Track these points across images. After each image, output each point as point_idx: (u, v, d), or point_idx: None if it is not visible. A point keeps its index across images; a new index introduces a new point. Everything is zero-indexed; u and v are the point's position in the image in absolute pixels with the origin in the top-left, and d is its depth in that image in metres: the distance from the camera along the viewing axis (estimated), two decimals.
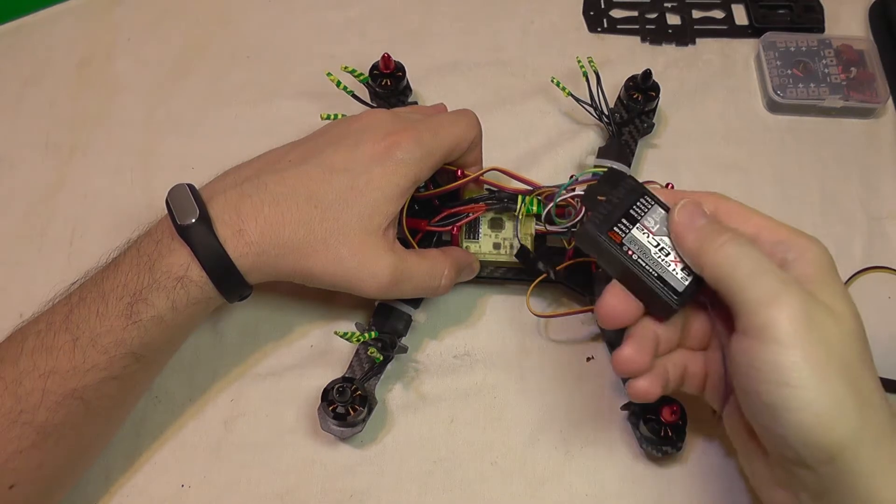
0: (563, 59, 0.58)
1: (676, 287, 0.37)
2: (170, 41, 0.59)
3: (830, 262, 0.34)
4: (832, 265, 0.34)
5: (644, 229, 0.37)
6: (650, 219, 0.38)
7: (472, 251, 0.47)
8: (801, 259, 0.34)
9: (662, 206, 0.38)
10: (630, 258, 0.37)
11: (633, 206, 0.38)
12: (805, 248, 0.34)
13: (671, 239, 0.37)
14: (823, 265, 0.34)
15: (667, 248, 0.37)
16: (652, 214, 0.38)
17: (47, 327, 0.39)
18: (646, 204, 0.38)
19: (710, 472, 0.45)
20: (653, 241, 0.37)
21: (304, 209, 0.40)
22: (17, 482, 0.38)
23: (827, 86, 0.56)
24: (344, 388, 0.42)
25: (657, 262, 0.37)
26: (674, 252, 0.37)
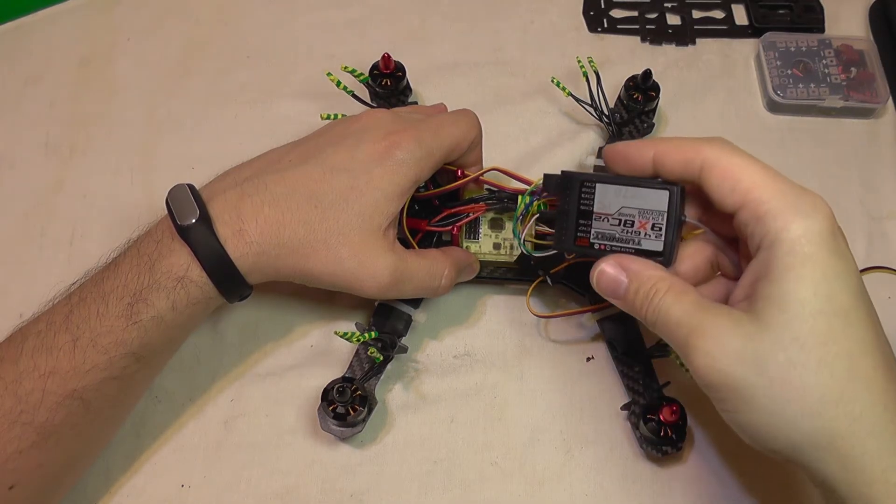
0: (563, 59, 0.58)
1: (656, 248, 0.37)
2: (170, 41, 0.59)
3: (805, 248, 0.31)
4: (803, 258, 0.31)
5: (601, 216, 0.37)
6: (599, 202, 0.37)
7: (472, 251, 0.47)
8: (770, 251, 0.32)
9: (602, 180, 0.37)
10: (605, 252, 0.37)
11: (580, 200, 0.38)
12: (777, 234, 0.32)
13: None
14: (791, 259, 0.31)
15: (629, 219, 0.37)
16: (599, 196, 0.37)
17: (47, 327, 0.39)
18: (588, 189, 0.37)
19: (710, 472, 0.45)
20: (614, 222, 0.37)
21: (305, 209, 0.40)
22: (17, 482, 0.38)
23: (827, 86, 0.56)
24: (344, 388, 0.42)
25: (628, 238, 0.37)
26: (636, 217, 0.37)
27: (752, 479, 0.45)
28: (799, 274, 0.31)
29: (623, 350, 0.46)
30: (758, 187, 0.33)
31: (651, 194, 0.36)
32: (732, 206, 0.34)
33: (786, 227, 0.32)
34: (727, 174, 0.33)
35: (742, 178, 0.33)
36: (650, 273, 0.36)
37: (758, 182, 0.33)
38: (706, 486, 0.45)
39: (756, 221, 0.32)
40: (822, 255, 0.31)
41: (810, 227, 0.31)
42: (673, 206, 0.36)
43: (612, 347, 0.46)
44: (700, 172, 0.34)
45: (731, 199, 0.33)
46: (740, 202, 0.33)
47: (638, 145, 0.37)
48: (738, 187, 0.33)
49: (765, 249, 0.32)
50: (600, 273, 0.37)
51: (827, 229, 0.31)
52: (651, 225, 0.37)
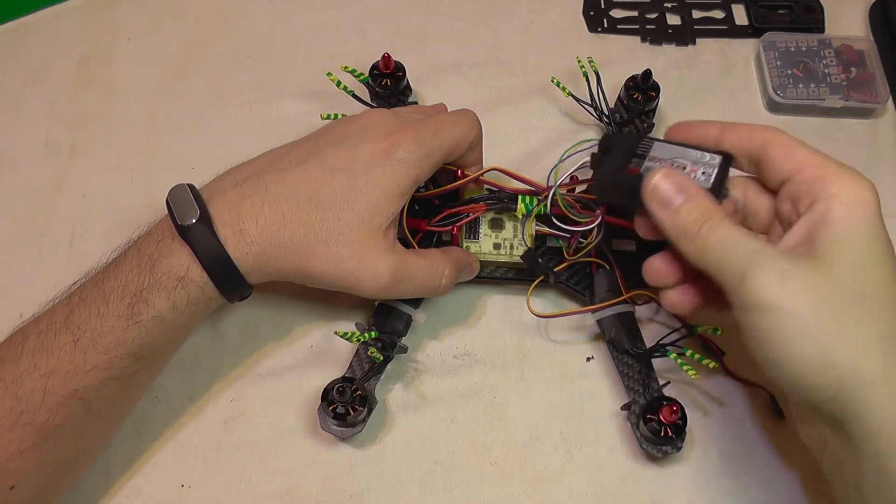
0: (563, 59, 0.58)
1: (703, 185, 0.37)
2: (170, 41, 0.59)
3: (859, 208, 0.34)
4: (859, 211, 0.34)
5: (654, 159, 0.39)
6: (656, 152, 0.39)
7: (472, 251, 0.47)
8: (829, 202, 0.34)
9: (662, 141, 0.39)
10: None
11: (637, 147, 0.39)
12: (836, 192, 0.34)
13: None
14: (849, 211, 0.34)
15: (681, 165, 0.38)
16: (655, 150, 0.39)
17: (48, 327, 0.39)
18: (646, 144, 0.39)
19: (710, 472, 0.45)
20: (667, 163, 0.38)
21: (305, 209, 0.40)
22: (17, 483, 0.38)
23: (827, 86, 0.56)
24: (344, 388, 0.42)
25: None
26: (689, 165, 0.38)
27: (753, 479, 0.45)
28: (857, 220, 0.34)
29: (623, 350, 0.46)
30: (813, 156, 0.36)
31: (706, 155, 0.39)
32: (789, 171, 0.36)
33: (843, 186, 0.35)
34: (786, 146, 0.37)
35: (799, 149, 0.37)
36: (706, 199, 0.36)
37: (812, 153, 0.36)
38: (706, 486, 0.45)
39: (813, 181, 0.35)
40: (875, 213, 0.34)
41: (862, 193, 0.34)
42: (724, 167, 0.38)
43: (612, 347, 0.46)
44: (762, 147, 0.37)
45: (788, 165, 0.36)
46: (798, 167, 0.36)
47: (703, 123, 0.40)
48: (795, 156, 0.36)
49: (821, 202, 0.35)
50: (656, 184, 0.37)
51: (874, 201, 0.34)
52: (701, 171, 0.38)
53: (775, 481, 0.45)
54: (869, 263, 0.33)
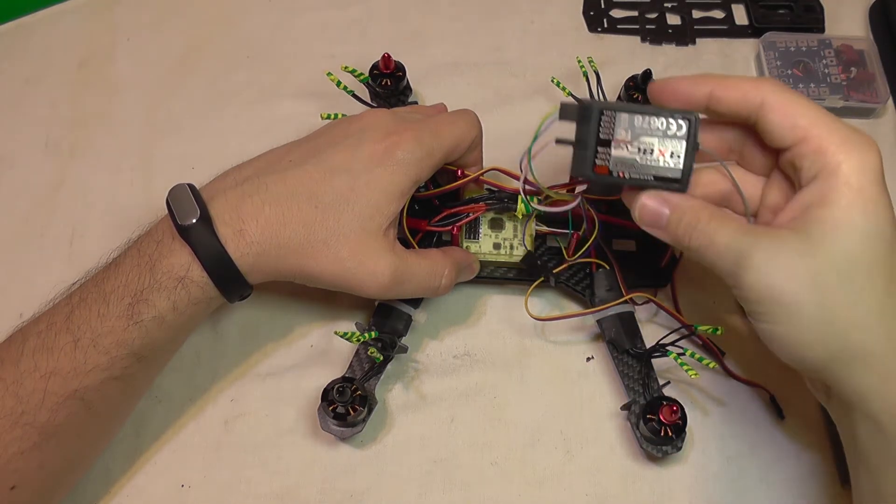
0: (563, 59, 0.58)
1: (674, 176, 0.37)
2: (170, 41, 0.59)
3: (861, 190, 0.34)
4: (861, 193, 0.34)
5: (620, 144, 0.38)
6: (620, 130, 0.38)
7: (472, 251, 0.47)
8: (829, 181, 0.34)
9: (622, 109, 0.38)
10: (625, 179, 0.38)
11: (600, 129, 0.38)
12: (835, 165, 0.34)
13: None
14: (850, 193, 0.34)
15: (648, 148, 0.38)
16: (619, 125, 0.38)
17: (48, 328, 0.39)
18: (609, 118, 0.38)
19: (710, 472, 0.45)
20: (633, 150, 0.38)
21: (305, 209, 0.40)
22: (18, 483, 0.38)
23: (827, 86, 0.56)
24: (344, 388, 0.42)
25: (647, 166, 0.38)
26: (656, 144, 0.37)
27: (753, 479, 0.45)
28: (853, 202, 0.33)
29: (623, 350, 0.46)
30: (817, 125, 0.35)
31: (671, 122, 0.37)
32: (792, 140, 0.35)
33: (844, 160, 0.34)
34: (788, 111, 0.35)
35: (803, 115, 0.35)
36: (691, 203, 0.37)
37: (816, 120, 0.35)
38: (706, 486, 0.45)
39: (815, 154, 0.35)
40: (873, 188, 0.34)
41: (864, 161, 0.34)
42: (692, 134, 0.37)
43: (612, 347, 0.46)
44: (759, 109, 0.36)
45: (791, 133, 0.35)
46: (801, 137, 0.35)
47: (691, 81, 0.38)
48: (798, 123, 0.35)
49: (821, 179, 0.34)
50: (642, 207, 0.38)
51: (878, 165, 0.34)
52: (669, 153, 0.38)
53: (775, 481, 0.45)
54: (866, 241, 0.34)
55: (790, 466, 0.45)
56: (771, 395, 0.47)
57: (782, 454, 0.46)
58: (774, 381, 0.47)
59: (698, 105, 0.38)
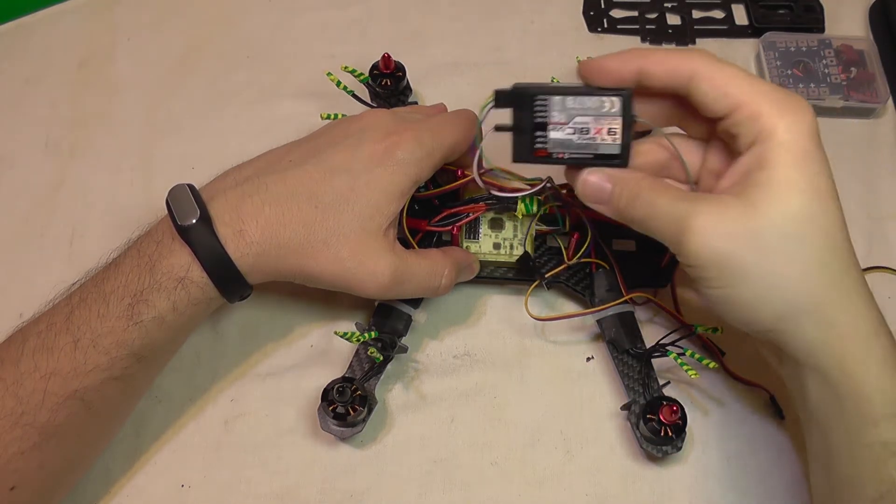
0: (563, 59, 0.58)
1: (614, 152, 0.38)
2: (170, 41, 0.59)
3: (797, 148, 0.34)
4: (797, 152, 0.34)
5: (557, 126, 0.38)
6: (555, 113, 0.38)
7: (472, 251, 0.47)
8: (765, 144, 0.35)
9: (555, 91, 0.38)
10: (564, 159, 0.39)
11: (535, 113, 0.38)
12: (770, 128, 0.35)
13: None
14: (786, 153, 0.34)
15: (584, 127, 0.38)
16: (552, 107, 0.38)
17: (48, 328, 0.39)
18: (542, 102, 0.38)
19: (710, 472, 0.45)
20: (569, 131, 0.38)
21: (305, 209, 0.40)
22: (18, 483, 0.38)
23: (827, 86, 0.56)
24: (344, 388, 0.42)
25: (586, 145, 0.38)
26: (592, 124, 0.38)
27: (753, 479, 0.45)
28: (787, 161, 0.34)
29: (623, 350, 0.46)
30: (749, 91, 0.35)
31: (604, 101, 0.38)
32: (725, 109, 0.36)
33: (779, 122, 0.34)
34: (718, 82, 0.36)
35: (733, 85, 0.35)
36: (631, 175, 0.38)
37: (748, 87, 0.35)
38: (706, 486, 0.45)
39: (750, 120, 0.35)
40: (807, 146, 0.35)
41: (797, 123, 0.35)
42: (627, 109, 0.38)
43: (613, 347, 0.46)
44: (689, 81, 0.36)
45: (724, 102, 0.36)
46: (734, 104, 0.35)
47: (620, 57, 0.38)
48: (729, 92, 0.35)
49: (759, 144, 0.35)
50: (583, 182, 0.39)
51: (810, 125, 0.35)
52: (607, 130, 0.38)
53: (775, 481, 0.45)
54: (804, 197, 0.34)
55: (790, 466, 0.45)
56: (771, 395, 0.47)
57: (782, 454, 0.46)
58: (774, 381, 0.47)
59: (629, 81, 0.38)
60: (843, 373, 0.35)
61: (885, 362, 0.35)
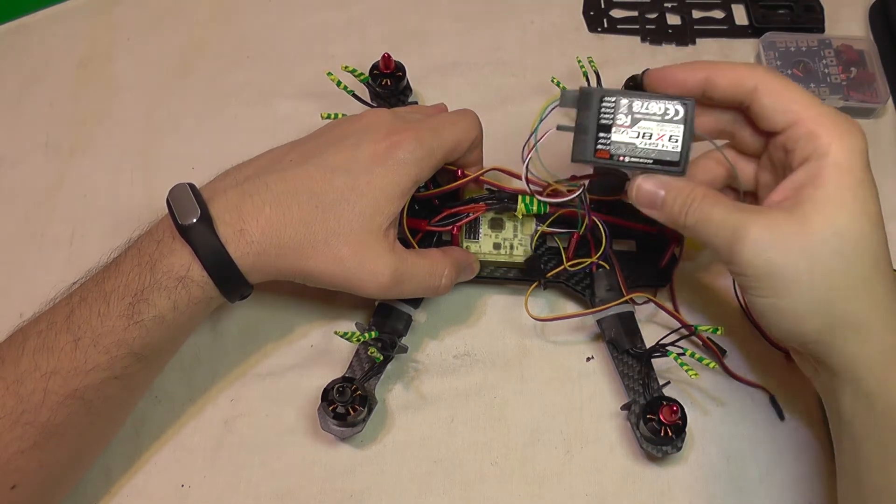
0: (563, 59, 0.58)
1: (673, 159, 0.39)
2: (170, 41, 0.59)
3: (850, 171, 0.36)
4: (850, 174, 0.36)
5: (621, 129, 0.39)
6: (620, 116, 0.39)
7: (472, 251, 0.47)
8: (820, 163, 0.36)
9: (623, 95, 0.39)
10: (625, 163, 0.39)
11: (600, 114, 0.39)
12: (826, 148, 0.36)
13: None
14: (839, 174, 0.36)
15: (648, 132, 0.39)
16: (619, 110, 0.39)
17: (48, 327, 0.39)
18: (609, 105, 0.39)
19: (710, 472, 0.45)
20: (633, 135, 0.39)
21: (306, 209, 0.40)
22: (18, 482, 0.38)
23: (827, 86, 0.56)
24: (344, 388, 0.42)
25: (647, 150, 0.39)
26: (655, 128, 0.39)
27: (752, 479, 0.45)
28: (841, 182, 0.36)
29: (623, 350, 0.46)
30: (807, 108, 0.37)
31: (669, 107, 0.39)
32: (784, 124, 0.38)
33: (834, 143, 0.36)
34: (781, 96, 0.38)
35: (795, 100, 0.37)
36: (686, 183, 0.39)
37: (808, 105, 0.37)
38: (706, 486, 0.45)
39: (806, 137, 0.37)
40: (861, 170, 0.36)
41: (853, 145, 0.36)
42: (689, 118, 0.39)
43: (612, 347, 0.46)
44: (753, 93, 0.38)
45: (784, 117, 0.37)
46: (793, 120, 0.37)
47: (687, 67, 0.40)
48: (791, 108, 0.37)
49: (812, 161, 0.36)
50: (638, 188, 0.40)
51: (864, 149, 0.37)
52: (668, 136, 0.39)
53: (775, 481, 0.45)
54: (854, 218, 0.36)
55: (790, 467, 0.45)
56: (771, 395, 0.47)
57: (782, 454, 0.46)
58: (775, 382, 0.47)
59: (694, 91, 0.39)
60: (879, 386, 0.36)
61: None
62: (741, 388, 0.47)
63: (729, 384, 0.47)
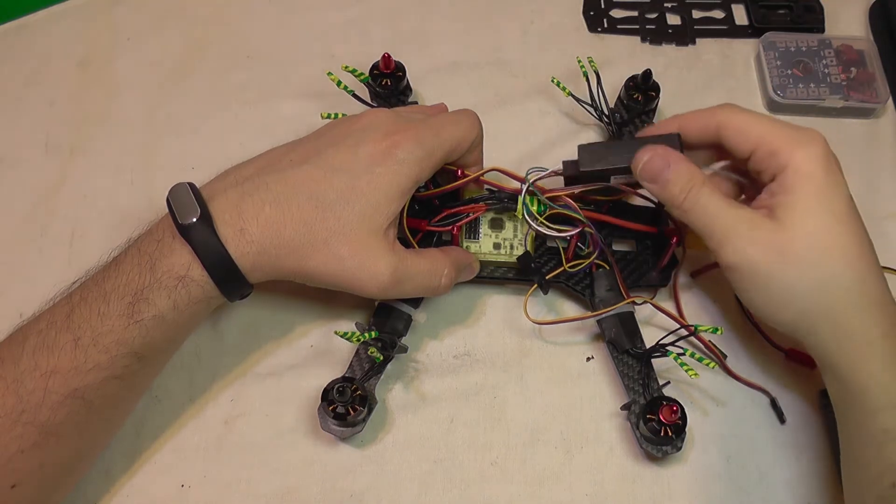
0: (563, 59, 0.58)
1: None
2: (170, 41, 0.59)
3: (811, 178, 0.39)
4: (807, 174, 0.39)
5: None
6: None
7: (472, 251, 0.47)
8: (785, 176, 0.40)
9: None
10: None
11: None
12: (787, 160, 0.40)
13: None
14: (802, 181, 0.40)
15: None
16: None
17: (48, 326, 0.39)
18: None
19: (710, 473, 0.45)
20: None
21: (306, 209, 0.40)
22: (18, 482, 0.38)
23: (827, 86, 0.56)
24: (344, 388, 0.42)
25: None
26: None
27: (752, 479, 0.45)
28: (805, 188, 0.40)
29: (623, 350, 0.46)
30: (766, 132, 0.41)
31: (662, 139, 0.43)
32: (747, 151, 0.42)
33: (791, 155, 0.40)
34: (741, 127, 0.42)
35: (752, 129, 0.41)
36: (691, 167, 0.42)
37: (765, 129, 0.41)
38: (706, 486, 0.45)
39: (769, 157, 0.41)
40: (821, 173, 0.40)
41: (810, 153, 0.40)
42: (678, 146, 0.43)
43: (612, 347, 0.46)
44: (719, 131, 0.42)
45: (745, 145, 0.42)
46: (755, 144, 0.41)
47: (663, 124, 0.45)
48: (749, 136, 0.41)
49: (779, 175, 0.40)
50: (646, 159, 0.42)
51: (821, 154, 0.40)
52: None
53: (775, 482, 0.45)
54: (820, 218, 0.39)
55: (790, 467, 0.45)
56: (772, 398, 0.47)
57: (782, 454, 0.46)
58: (774, 382, 0.47)
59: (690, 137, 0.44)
60: (850, 370, 0.39)
61: (887, 361, 0.39)
62: (741, 389, 0.47)
63: (729, 384, 0.47)
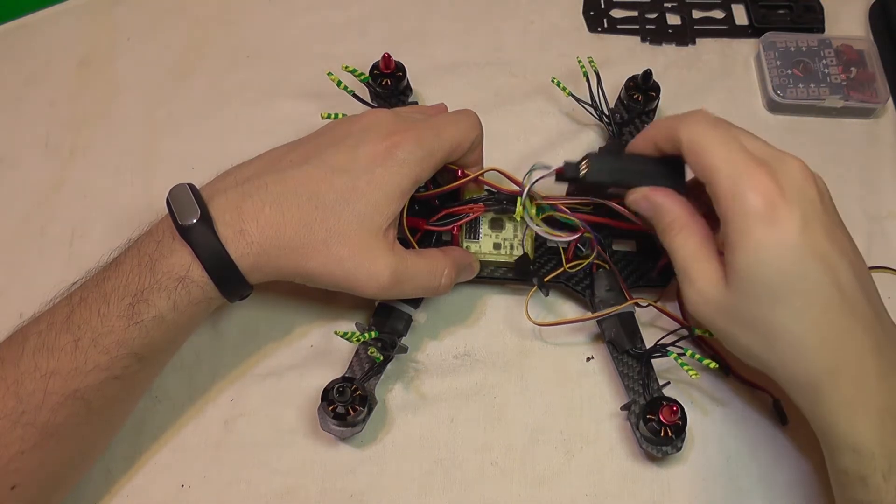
0: (563, 59, 0.58)
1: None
2: (170, 41, 0.59)
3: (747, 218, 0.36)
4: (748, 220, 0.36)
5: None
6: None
7: (472, 251, 0.47)
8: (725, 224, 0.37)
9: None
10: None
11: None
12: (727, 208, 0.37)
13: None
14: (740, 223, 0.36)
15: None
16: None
17: (48, 327, 0.39)
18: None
19: (710, 473, 0.45)
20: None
21: (305, 209, 0.40)
22: (18, 483, 0.38)
23: (827, 86, 0.56)
24: (344, 388, 0.42)
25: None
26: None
27: (752, 479, 0.45)
28: (742, 248, 0.36)
29: (623, 350, 0.46)
30: (715, 170, 0.37)
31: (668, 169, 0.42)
32: (705, 178, 0.38)
33: (729, 208, 0.37)
34: (697, 156, 0.39)
35: (706, 161, 0.38)
36: (670, 209, 0.41)
37: (716, 165, 0.37)
38: (706, 487, 0.45)
39: (715, 199, 0.38)
40: (758, 230, 0.36)
41: (748, 206, 0.36)
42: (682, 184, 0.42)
43: (612, 347, 0.46)
44: (680, 150, 0.40)
45: (700, 176, 0.39)
46: (706, 181, 0.38)
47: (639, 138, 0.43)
48: (703, 169, 0.38)
49: (723, 223, 0.38)
50: (633, 202, 0.42)
51: (761, 205, 0.36)
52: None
53: (775, 482, 0.45)
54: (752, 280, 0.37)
55: (790, 468, 0.45)
56: (775, 399, 0.46)
57: (782, 455, 0.46)
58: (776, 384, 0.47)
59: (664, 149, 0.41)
60: (809, 412, 0.39)
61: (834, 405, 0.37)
62: (741, 389, 0.47)
63: (729, 385, 0.47)
